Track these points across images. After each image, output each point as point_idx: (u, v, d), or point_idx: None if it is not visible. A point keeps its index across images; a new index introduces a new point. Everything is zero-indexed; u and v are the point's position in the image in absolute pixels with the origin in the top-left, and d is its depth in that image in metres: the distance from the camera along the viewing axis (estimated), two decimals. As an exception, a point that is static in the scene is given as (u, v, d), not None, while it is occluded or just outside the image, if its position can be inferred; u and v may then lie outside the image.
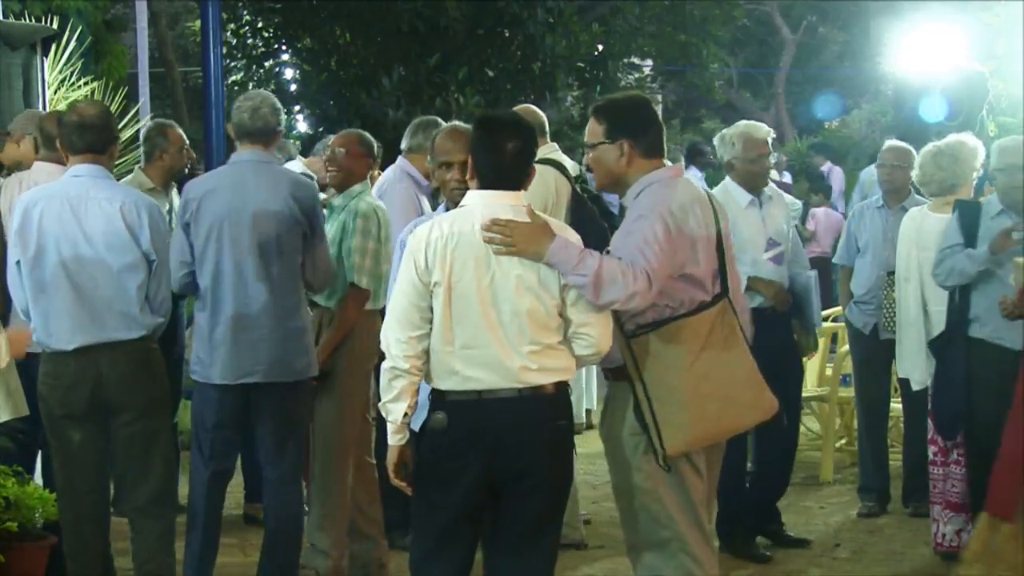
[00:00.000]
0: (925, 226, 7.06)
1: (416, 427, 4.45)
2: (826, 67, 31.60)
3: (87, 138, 5.37)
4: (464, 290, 4.26)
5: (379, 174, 7.19)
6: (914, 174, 7.22)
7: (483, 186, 4.38)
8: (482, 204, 4.34)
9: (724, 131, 7.08)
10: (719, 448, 4.79)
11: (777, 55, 31.16)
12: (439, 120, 7.04)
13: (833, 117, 27.37)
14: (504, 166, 4.37)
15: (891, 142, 7.68)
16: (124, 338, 5.31)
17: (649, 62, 20.44)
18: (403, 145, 7.02)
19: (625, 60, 17.39)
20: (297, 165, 8.56)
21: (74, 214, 5.28)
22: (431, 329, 4.29)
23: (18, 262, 5.33)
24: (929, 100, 10.12)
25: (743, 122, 7.13)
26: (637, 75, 18.02)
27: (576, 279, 4.29)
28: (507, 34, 15.21)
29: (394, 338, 4.31)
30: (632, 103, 4.82)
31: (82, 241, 5.28)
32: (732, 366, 4.53)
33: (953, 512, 6.77)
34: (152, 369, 5.45)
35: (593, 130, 4.72)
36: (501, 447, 4.28)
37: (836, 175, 17.75)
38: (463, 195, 4.48)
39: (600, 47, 16.20)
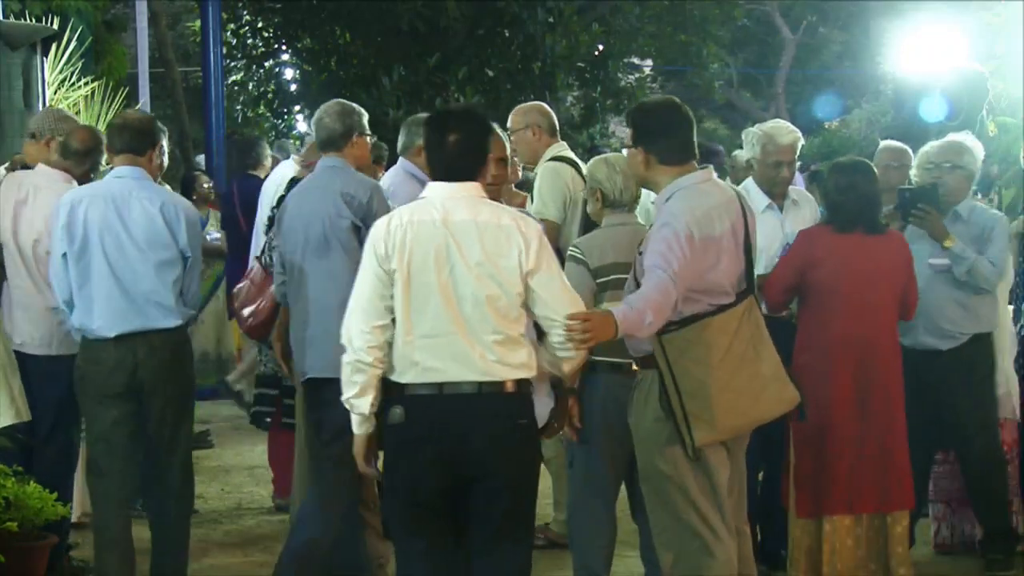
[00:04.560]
0: None
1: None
2: (826, 67, 31.62)
3: (125, 138, 5.72)
4: (424, 279, 4.30)
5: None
6: (912, 174, 7.20)
7: (436, 178, 4.47)
8: (442, 196, 4.41)
9: (750, 128, 6.69)
10: (742, 439, 4.92)
11: (777, 55, 31.17)
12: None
13: (833, 117, 27.37)
14: (447, 159, 4.45)
15: (887, 142, 7.63)
16: (162, 327, 5.62)
17: (649, 62, 20.47)
18: (399, 145, 7.01)
19: (625, 60, 17.41)
20: (291, 165, 8.55)
21: (117, 212, 5.60)
22: (393, 321, 4.31)
23: (64, 255, 5.63)
24: (929, 100, 10.08)
25: (771, 122, 6.71)
26: (637, 75, 18.03)
27: (649, 329, 4.48)
28: (507, 34, 15.22)
29: (357, 329, 4.30)
30: (653, 109, 4.89)
31: (124, 237, 5.60)
32: (759, 363, 4.69)
33: (951, 509, 6.82)
34: (184, 359, 5.78)
35: (629, 134, 4.86)
36: (462, 442, 4.29)
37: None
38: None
39: (600, 47, 16.20)
